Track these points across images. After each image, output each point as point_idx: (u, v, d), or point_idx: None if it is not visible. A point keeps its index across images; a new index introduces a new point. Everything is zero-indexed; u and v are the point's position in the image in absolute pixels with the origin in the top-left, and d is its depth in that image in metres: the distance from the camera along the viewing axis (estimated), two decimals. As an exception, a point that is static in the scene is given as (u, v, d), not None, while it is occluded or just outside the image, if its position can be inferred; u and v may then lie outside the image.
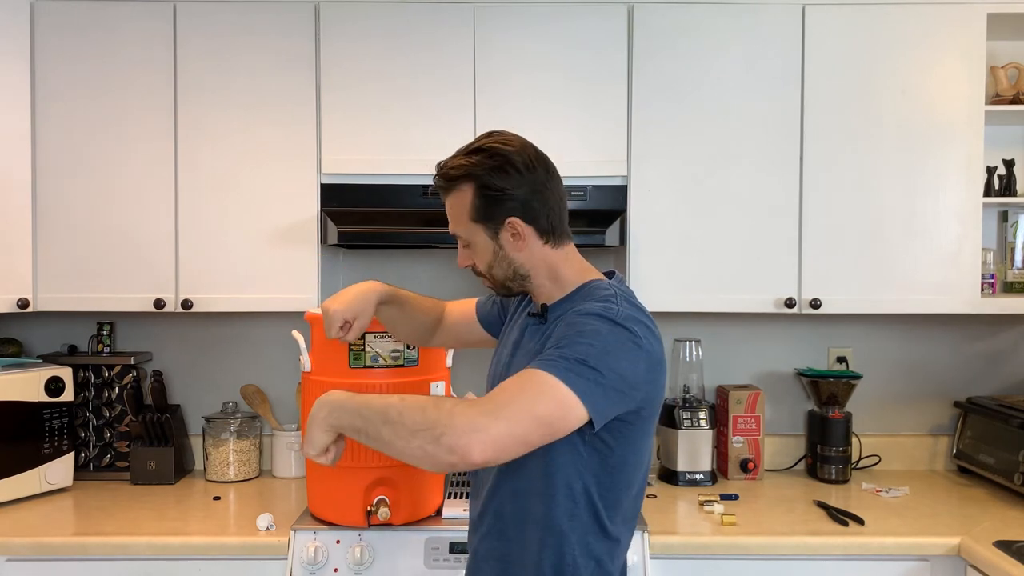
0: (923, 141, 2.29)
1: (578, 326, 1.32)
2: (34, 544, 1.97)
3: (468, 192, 1.44)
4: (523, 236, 1.44)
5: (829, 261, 2.30)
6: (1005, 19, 2.32)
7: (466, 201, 1.44)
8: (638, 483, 1.45)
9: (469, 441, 1.21)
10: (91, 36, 2.29)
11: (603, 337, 1.30)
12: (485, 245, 1.47)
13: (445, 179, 1.46)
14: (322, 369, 1.97)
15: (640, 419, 1.39)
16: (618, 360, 1.30)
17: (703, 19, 2.29)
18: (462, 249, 1.52)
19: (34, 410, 2.30)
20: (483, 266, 1.49)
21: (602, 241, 2.24)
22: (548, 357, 1.29)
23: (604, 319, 1.32)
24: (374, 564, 1.94)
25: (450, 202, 1.48)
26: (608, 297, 1.39)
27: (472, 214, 1.45)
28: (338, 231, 2.21)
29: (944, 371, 2.67)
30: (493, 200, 1.43)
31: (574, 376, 1.26)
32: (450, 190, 1.46)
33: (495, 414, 1.23)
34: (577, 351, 1.28)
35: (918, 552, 1.99)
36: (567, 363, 1.27)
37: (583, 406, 1.26)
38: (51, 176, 2.30)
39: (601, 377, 1.27)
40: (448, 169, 1.46)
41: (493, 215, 1.44)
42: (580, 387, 1.26)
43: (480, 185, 1.43)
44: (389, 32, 2.28)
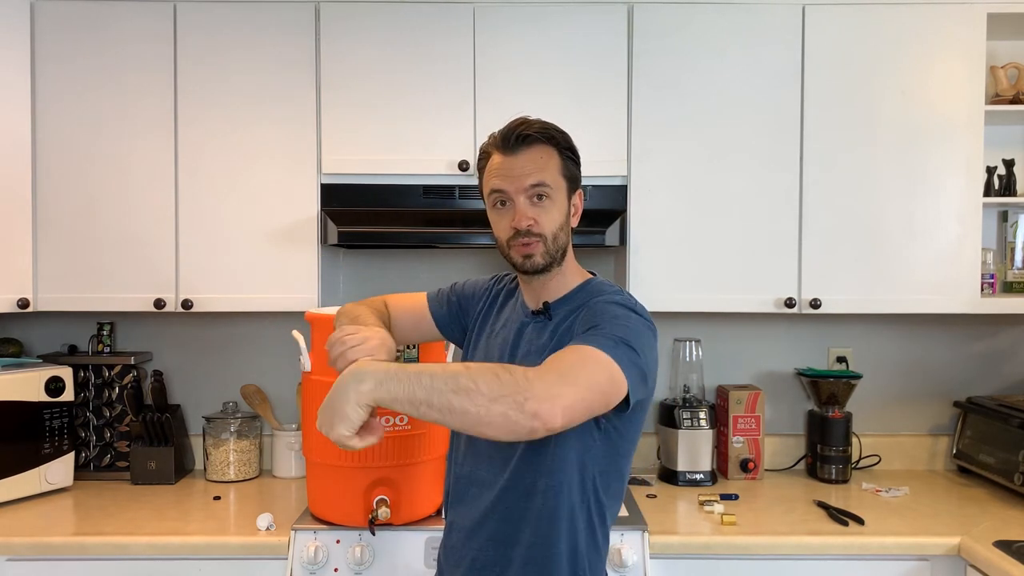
0: (923, 141, 2.29)
1: (609, 312, 1.38)
2: (34, 544, 1.97)
3: (555, 151, 1.49)
4: (578, 212, 1.53)
5: (829, 261, 2.30)
6: (1005, 19, 2.32)
7: (556, 158, 1.49)
8: (627, 474, 1.52)
9: (552, 406, 1.21)
10: (91, 36, 2.29)
11: (633, 322, 1.37)
12: (562, 204, 1.49)
13: (540, 130, 1.48)
14: (322, 369, 1.97)
15: (643, 409, 1.45)
16: (647, 345, 1.37)
17: (703, 19, 2.29)
18: (532, 204, 1.46)
19: (34, 410, 2.30)
20: (552, 226, 1.46)
21: (602, 241, 2.24)
22: (592, 336, 1.33)
23: (627, 308, 1.40)
24: (374, 564, 1.94)
25: (537, 153, 1.47)
26: (618, 292, 1.47)
27: (563, 170, 1.49)
28: (338, 231, 2.21)
29: (944, 371, 2.67)
30: (575, 167, 1.52)
31: (621, 352, 1.31)
32: (537, 143, 1.48)
33: (568, 381, 1.24)
34: (616, 331, 1.34)
35: (918, 552, 1.99)
36: (612, 341, 1.31)
37: (626, 382, 1.31)
38: (51, 176, 2.30)
39: (638, 357, 1.33)
40: (542, 125, 1.50)
41: (575, 178, 1.51)
42: (625, 364, 1.30)
43: (567, 148, 1.50)
44: (389, 32, 2.28)
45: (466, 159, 2.26)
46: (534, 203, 1.46)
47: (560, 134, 1.51)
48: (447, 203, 2.27)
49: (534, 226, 1.45)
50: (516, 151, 1.47)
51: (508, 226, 1.47)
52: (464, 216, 2.29)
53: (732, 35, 2.29)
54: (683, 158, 2.30)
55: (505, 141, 1.48)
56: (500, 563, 1.45)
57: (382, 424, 1.35)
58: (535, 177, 1.45)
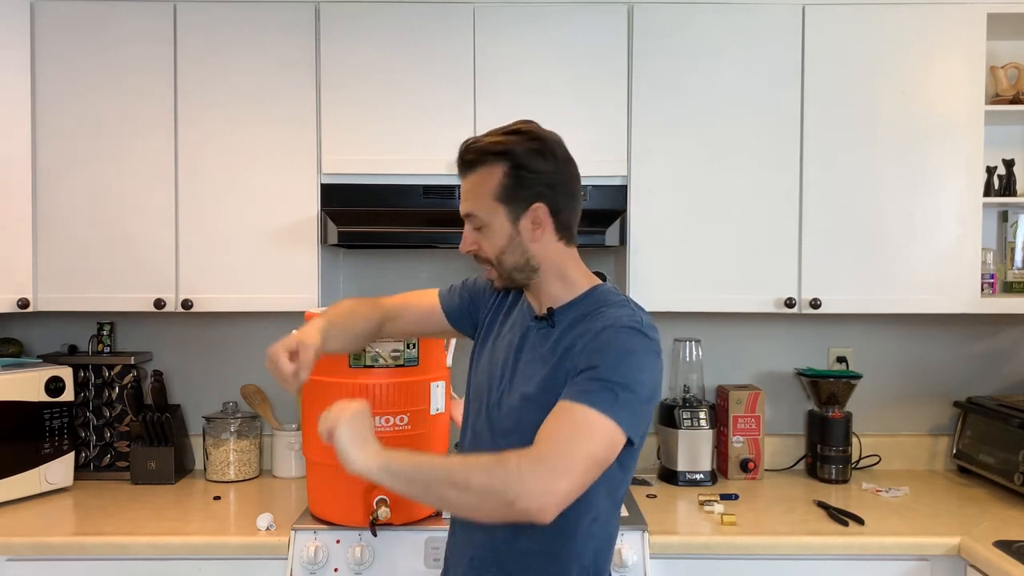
0: (923, 141, 2.29)
1: (613, 346, 1.33)
2: (34, 544, 1.97)
3: (499, 170, 1.41)
4: (542, 226, 1.43)
5: (829, 261, 2.30)
6: (1005, 19, 2.32)
7: (494, 179, 1.42)
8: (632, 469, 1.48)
9: (544, 503, 1.23)
10: (91, 35, 2.29)
11: (638, 356, 1.33)
12: (502, 228, 1.43)
13: (478, 153, 1.43)
14: (322, 369, 1.97)
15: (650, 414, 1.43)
16: (649, 375, 1.34)
17: (703, 19, 2.29)
18: (471, 232, 1.47)
19: (34, 410, 2.30)
20: (493, 251, 1.45)
21: (602, 241, 2.24)
22: (590, 388, 1.30)
23: (635, 331, 1.35)
24: (374, 564, 1.94)
25: (474, 179, 1.44)
26: (624, 303, 1.42)
27: (498, 193, 1.42)
28: (338, 231, 2.21)
29: (944, 371, 2.67)
30: (525, 182, 1.41)
31: (619, 407, 1.28)
32: (479, 165, 1.43)
33: (560, 471, 1.23)
34: (617, 375, 1.30)
35: (918, 552, 1.99)
36: (611, 394, 1.29)
37: (626, 434, 1.30)
38: (51, 176, 2.30)
39: (639, 399, 1.31)
40: (484, 144, 1.43)
41: (520, 197, 1.42)
42: (624, 417, 1.29)
43: (516, 164, 1.41)
44: (389, 32, 2.28)
45: (466, 159, 2.25)
46: (475, 229, 1.46)
47: (510, 149, 1.41)
48: (447, 203, 2.27)
49: (479, 251, 1.47)
50: (462, 176, 1.47)
51: None
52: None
53: (732, 35, 2.29)
54: (683, 158, 2.30)
55: (457, 162, 1.48)
56: (498, 563, 1.45)
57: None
58: (465, 207, 1.46)
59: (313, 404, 1.98)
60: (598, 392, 1.29)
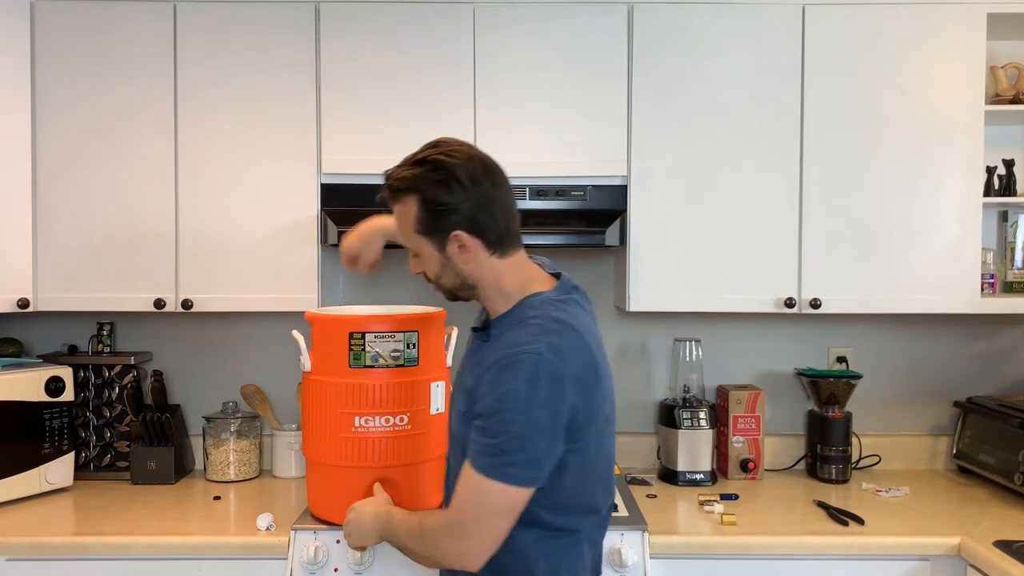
0: (923, 141, 2.29)
1: (497, 388, 1.35)
2: (34, 544, 1.97)
3: (412, 205, 1.43)
4: (469, 249, 1.43)
5: (829, 261, 2.30)
6: (1005, 19, 2.32)
7: (411, 214, 1.44)
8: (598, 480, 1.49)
9: (464, 563, 1.41)
10: (91, 36, 2.29)
11: (522, 399, 1.33)
12: (431, 256, 1.47)
13: (390, 190, 1.46)
14: (322, 369, 1.97)
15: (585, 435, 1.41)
16: (543, 414, 1.33)
17: (703, 19, 2.29)
18: (412, 257, 1.52)
19: (34, 410, 2.30)
20: (431, 275, 1.51)
21: (602, 241, 2.24)
22: (478, 446, 1.37)
23: (524, 363, 1.33)
24: (374, 564, 1.94)
25: (397, 212, 1.48)
26: (534, 320, 1.40)
27: (417, 227, 1.44)
28: (338, 231, 2.21)
29: (944, 371, 2.67)
30: (437, 214, 1.42)
31: (509, 470, 1.34)
32: (396, 201, 1.46)
33: (467, 536, 1.39)
34: (496, 427, 1.34)
35: (918, 552, 1.99)
36: (490, 458, 1.35)
37: (526, 487, 1.36)
38: (51, 176, 2.30)
39: (531, 451, 1.34)
40: (393, 181, 1.45)
41: (438, 228, 1.43)
42: (520, 476, 1.35)
43: (424, 199, 1.42)
44: (389, 31, 2.28)
45: (466, 159, 2.26)
46: (414, 256, 1.52)
47: (415, 185, 1.42)
48: (447, 203, 2.27)
49: (424, 274, 1.53)
50: (392, 205, 1.50)
51: None
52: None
53: (732, 35, 2.29)
54: (683, 158, 2.30)
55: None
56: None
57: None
58: (400, 238, 1.51)
59: (313, 404, 1.98)
60: (483, 453, 1.36)
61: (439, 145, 1.45)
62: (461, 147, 1.46)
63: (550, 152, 2.29)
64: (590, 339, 1.43)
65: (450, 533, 1.41)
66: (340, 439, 1.92)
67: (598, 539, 1.54)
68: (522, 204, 2.28)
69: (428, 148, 1.45)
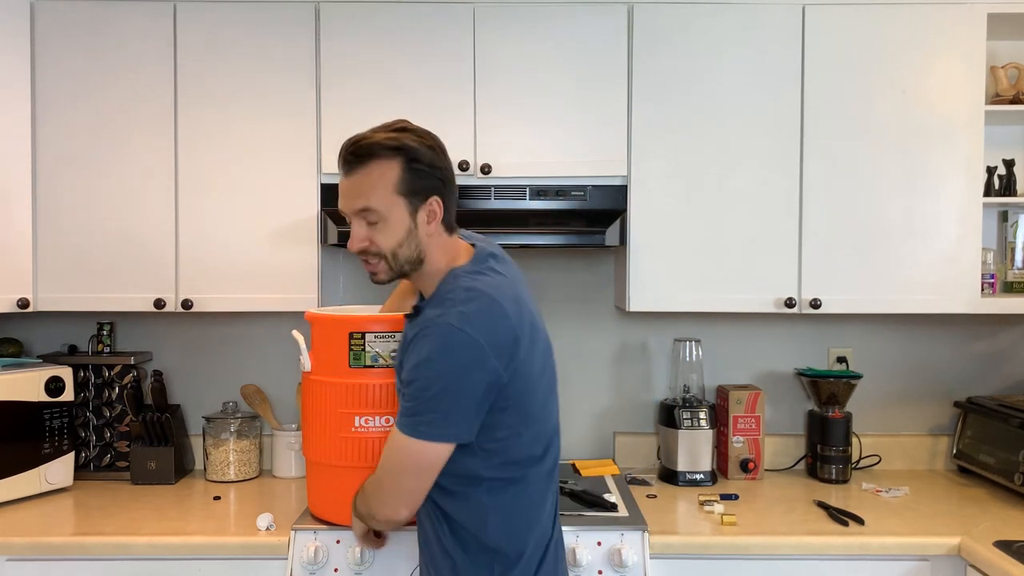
0: (923, 141, 2.29)
1: (417, 356, 1.43)
2: (34, 544, 1.97)
3: (396, 165, 1.47)
4: (436, 217, 1.52)
5: (829, 261, 2.30)
6: (1005, 19, 2.32)
7: (392, 173, 1.47)
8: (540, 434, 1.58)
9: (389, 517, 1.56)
10: (91, 35, 2.29)
11: (437, 364, 1.41)
12: (400, 222, 1.49)
13: (372, 147, 1.48)
14: (322, 369, 1.97)
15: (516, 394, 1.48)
16: (460, 377, 1.42)
17: (703, 19, 2.29)
18: (364, 228, 1.51)
19: (34, 410, 2.30)
20: (389, 245, 1.50)
21: (602, 241, 2.24)
22: (402, 409, 1.48)
23: (439, 334, 1.42)
24: (374, 564, 1.94)
25: (368, 173, 1.48)
26: (448, 295, 1.47)
27: (398, 186, 1.48)
28: (338, 231, 2.21)
29: (944, 371, 2.67)
30: (422, 175, 1.49)
31: (424, 428, 1.44)
32: (372, 159, 1.48)
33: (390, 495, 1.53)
34: (416, 389, 1.44)
35: (918, 552, 1.99)
36: (411, 418, 1.45)
37: (445, 443, 1.45)
38: (51, 176, 2.30)
39: (444, 410, 1.43)
40: (377, 139, 1.48)
41: (419, 189, 1.49)
42: (436, 433, 1.44)
43: (412, 159, 1.48)
44: (389, 31, 2.28)
45: (466, 159, 2.26)
46: (368, 224, 1.51)
47: (403, 145, 1.48)
48: (447, 203, 2.27)
49: (370, 246, 1.52)
50: (350, 171, 1.50)
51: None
52: (464, 216, 2.26)
53: (732, 35, 2.29)
54: (683, 158, 2.30)
55: (341, 159, 1.51)
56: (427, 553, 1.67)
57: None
58: (360, 201, 1.49)
59: (313, 404, 1.98)
60: (403, 415, 1.47)
61: (406, 121, 1.55)
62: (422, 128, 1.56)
63: (550, 152, 2.29)
64: (507, 303, 1.47)
65: (377, 489, 1.55)
66: (340, 439, 1.92)
67: (547, 485, 1.62)
68: (522, 204, 2.28)
69: (400, 122, 1.54)
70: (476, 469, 1.51)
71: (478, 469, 1.51)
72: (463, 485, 1.53)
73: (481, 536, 1.54)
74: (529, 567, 1.56)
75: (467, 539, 1.55)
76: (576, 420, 2.67)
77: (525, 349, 1.48)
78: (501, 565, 1.54)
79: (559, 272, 2.66)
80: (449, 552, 1.56)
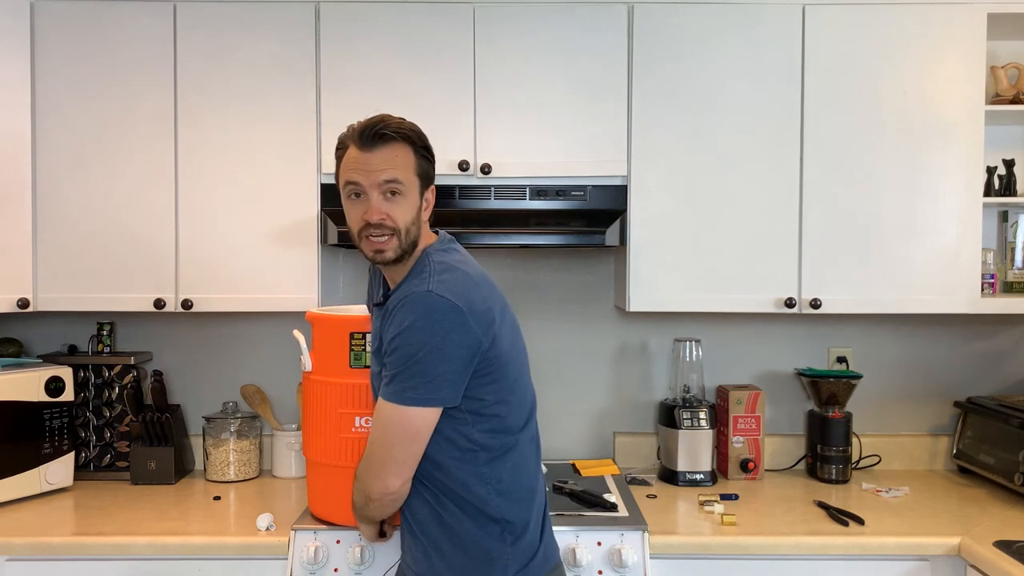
0: (923, 141, 2.29)
1: (395, 325, 1.49)
2: (34, 544, 1.97)
3: (411, 149, 1.59)
4: (430, 206, 1.64)
5: (829, 261, 2.30)
6: (1005, 19, 2.32)
7: (411, 155, 1.59)
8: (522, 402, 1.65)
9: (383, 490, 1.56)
10: (91, 35, 2.29)
11: (419, 330, 1.47)
12: (414, 202, 1.59)
13: (396, 129, 1.57)
14: (323, 369, 1.97)
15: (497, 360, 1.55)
16: (442, 341, 1.47)
17: (703, 19, 2.29)
18: (386, 200, 1.57)
19: (34, 410, 2.30)
20: (404, 222, 1.58)
21: (602, 241, 2.24)
22: (386, 379, 1.52)
23: (418, 301, 1.48)
24: (374, 564, 1.94)
25: (394, 151, 1.57)
26: (422, 271, 1.55)
27: (417, 168, 1.60)
28: (338, 231, 2.21)
29: (944, 371, 2.67)
30: (430, 163, 1.63)
31: (410, 393, 1.48)
32: (394, 141, 1.57)
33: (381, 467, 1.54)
34: (399, 356, 1.48)
35: (918, 552, 1.99)
36: (395, 385, 1.49)
37: (431, 407, 1.50)
38: (51, 176, 2.30)
39: (430, 375, 1.47)
40: (396, 124, 1.58)
41: (427, 176, 1.62)
42: (422, 398, 1.48)
43: (423, 147, 1.61)
44: (389, 31, 2.28)
45: (466, 159, 2.26)
46: (387, 198, 1.57)
47: (417, 134, 1.61)
48: (447, 203, 2.27)
49: (387, 220, 1.57)
50: (373, 147, 1.56)
51: (360, 218, 1.59)
52: (464, 216, 2.29)
53: (732, 35, 2.29)
54: (683, 158, 2.30)
55: (363, 136, 1.57)
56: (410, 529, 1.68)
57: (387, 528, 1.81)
58: (389, 173, 1.56)
59: (313, 404, 1.98)
60: (387, 384, 1.51)
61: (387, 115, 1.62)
62: None
63: (550, 152, 2.29)
64: (477, 277, 1.57)
65: (367, 467, 1.57)
66: (341, 440, 1.92)
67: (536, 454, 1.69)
68: (522, 204, 2.28)
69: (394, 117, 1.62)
70: (472, 436, 1.56)
71: (473, 435, 1.56)
72: (462, 461, 1.57)
73: (487, 509, 1.58)
74: (534, 536, 1.64)
75: (473, 513, 1.58)
76: (576, 420, 2.67)
77: (498, 320, 1.56)
78: (511, 535, 1.60)
79: (559, 272, 2.66)
80: (455, 529, 1.59)
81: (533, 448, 1.69)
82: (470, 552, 1.58)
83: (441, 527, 1.60)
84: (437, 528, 1.61)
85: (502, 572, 1.58)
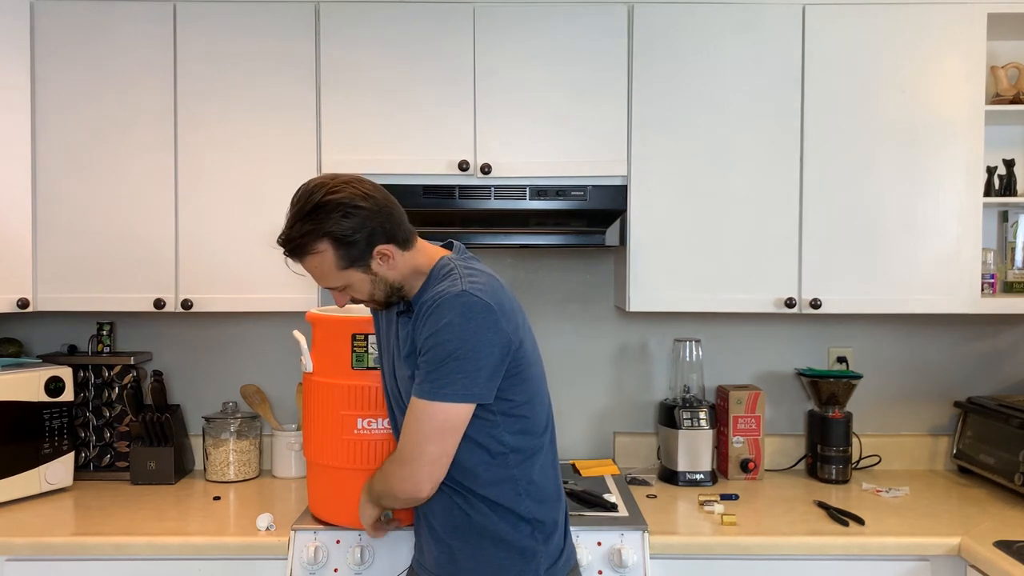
0: (923, 141, 2.29)
1: (431, 324, 1.50)
2: (34, 544, 1.97)
3: (327, 250, 1.53)
4: (391, 256, 1.57)
5: (829, 261, 2.30)
6: (1005, 19, 2.32)
7: (328, 257, 1.54)
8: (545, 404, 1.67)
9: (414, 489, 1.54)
10: (91, 36, 2.29)
11: (456, 328, 1.48)
12: (361, 281, 1.58)
13: (299, 248, 1.54)
14: (324, 370, 1.97)
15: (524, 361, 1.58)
16: (478, 339, 1.48)
17: (703, 19, 2.29)
18: (339, 293, 1.62)
19: (34, 410, 2.30)
20: (364, 296, 1.61)
21: (602, 241, 2.24)
22: (420, 376, 1.52)
23: (450, 301, 1.49)
24: (374, 564, 1.94)
25: (311, 263, 1.56)
26: (450, 274, 1.56)
27: (340, 264, 1.55)
28: (338, 231, 2.21)
29: (944, 371, 2.67)
30: (355, 244, 1.53)
31: (447, 389, 1.48)
32: (305, 255, 1.55)
33: (413, 463, 1.52)
34: (435, 354, 1.49)
35: (918, 552, 1.99)
36: (430, 383, 1.49)
37: (464, 403, 1.50)
38: (51, 176, 2.30)
39: (468, 369, 1.48)
40: (297, 239, 1.52)
41: (360, 255, 1.55)
42: (457, 394, 1.49)
43: (337, 239, 1.52)
44: (389, 32, 2.28)
45: (466, 159, 2.26)
46: (342, 291, 1.61)
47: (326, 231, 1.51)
48: (447, 203, 2.27)
49: (353, 301, 1.64)
50: (297, 261, 1.58)
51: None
52: (464, 216, 2.29)
53: (732, 35, 2.29)
54: (683, 158, 2.30)
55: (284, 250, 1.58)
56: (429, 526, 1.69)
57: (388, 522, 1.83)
58: (322, 283, 1.60)
59: (313, 404, 1.98)
60: (422, 382, 1.51)
61: (312, 193, 1.52)
62: (335, 182, 1.54)
63: (550, 152, 2.29)
64: (500, 283, 1.60)
65: (397, 461, 1.56)
66: (342, 441, 1.92)
67: (555, 455, 1.71)
68: (522, 204, 2.28)
69: (307, 197, 1.52)
70: (503, 438, 1.58)
71: (504, 438, 1.58)
72: (492, 465, 1.58)
73: (519, 510, 1.60)
74: (561, 535, 1.67)
75: (504, 514, 1.60)
76: (576, 420, 2.67)
77: (522, 323, 1.59)
78: (542, 533, 1.62)
79: (559, 272, 2.66)
80: (489, 528, 1.60)
81: (554, 450, 1.71)
82: (502, 550, 1.60)
83: (471, 528, 1.61)
84: (466, 530, 1.61)
85: (535, 570, 1.60)
